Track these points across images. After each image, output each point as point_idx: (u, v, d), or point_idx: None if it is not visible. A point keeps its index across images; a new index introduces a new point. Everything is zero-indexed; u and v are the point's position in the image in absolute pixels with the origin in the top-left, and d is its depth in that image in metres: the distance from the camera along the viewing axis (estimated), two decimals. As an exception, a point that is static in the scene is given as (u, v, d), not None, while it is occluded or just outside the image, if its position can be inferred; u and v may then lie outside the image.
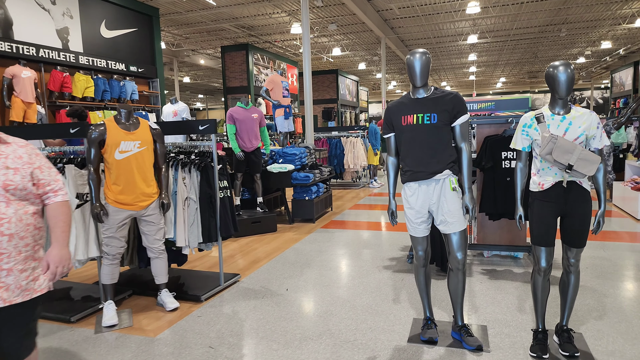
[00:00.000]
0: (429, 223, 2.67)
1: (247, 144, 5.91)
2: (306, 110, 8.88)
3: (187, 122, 3.71)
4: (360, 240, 5.35)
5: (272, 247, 5.16)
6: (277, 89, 7.28)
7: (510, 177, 3.74)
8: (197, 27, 15.68)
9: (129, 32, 10.20)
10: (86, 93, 8.94)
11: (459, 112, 2.53)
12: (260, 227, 5.86)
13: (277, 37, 17.48)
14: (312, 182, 6.36)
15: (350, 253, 4.78)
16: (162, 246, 3.41)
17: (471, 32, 16.75)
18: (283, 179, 6.25)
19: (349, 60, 23.04)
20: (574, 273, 2.54)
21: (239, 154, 5.86)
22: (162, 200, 3.33)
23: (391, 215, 2.75)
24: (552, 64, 2.40)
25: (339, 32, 16.78)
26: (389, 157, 2.77)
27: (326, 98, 21.75)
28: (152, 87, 10.97)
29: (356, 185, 10.46)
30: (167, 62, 21.60)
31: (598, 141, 2.42)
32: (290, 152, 6.48)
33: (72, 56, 8.72)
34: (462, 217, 2.55)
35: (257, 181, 6.12)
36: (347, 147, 9.82)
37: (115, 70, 9.66)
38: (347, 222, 6.45)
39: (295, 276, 4.07)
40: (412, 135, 2.56)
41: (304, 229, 6.03)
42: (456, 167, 2.58)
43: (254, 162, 6.01)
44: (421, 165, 2.55)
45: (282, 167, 6.23)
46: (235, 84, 15.98)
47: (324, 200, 6.88)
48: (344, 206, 7.74)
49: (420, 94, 2.59)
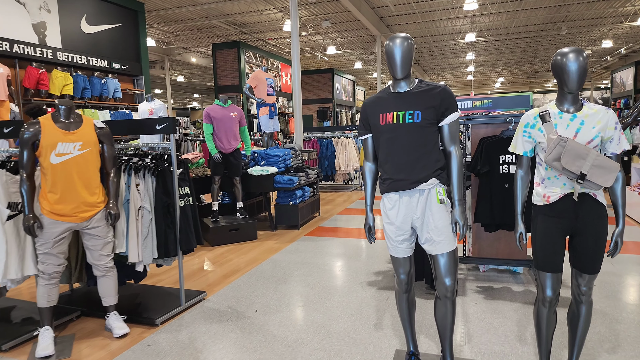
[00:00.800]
0: (412, 241, 2.23)
1: (225, 144, 5.47)
2: (295, 110, 8.44)
3: (142, 120, 3.27)
4: (346, 249, 4.92)
5: (248, 257, 4.72)
6: (261, 85, 6.83)
7: (509, 183, 3.30)
8: (187, 24, 15.22)
9: (112, 28, 9.75)
10: (65, 91, 8.50)
11: (448, 109, 2.09)
12: (239, 235, 5.41)
13: (270, 35, 17.04)
14: (297, 185, 5.92)
15: (333, 265, 4.34)
16: (109, 263, 2.97)
17: (469, 30, 16.33)
18: (265, 182, 5.81)
19: (345, 59, 22.61)
20: (585, 303, 2.10)
21: (215, 156, 5.42)
22: (109, 211, 2.89)
23: (368, 232, 2.31)
24: (560, 51, 1.97)
25: (334, 30, 16.34)
26: (366, 163, 2.34)
27: (321, 97, 21.34)
28: (136, 85, 10.54)
29: (348, 187, 10.03)
30: (159, 61, 21.14)
31: (616, 144, 1.99)
32: (273, 154, 6.04)
33: (50, 52, 8.27)
34: (452, 235, 2.12)
35: (237, 185, 5.68)
36: (338, 148, 9.39)
37: (97, 67, 9.22)
38: (334, 228, 6.01)
39: (268, 294, 3.63)
40: (392, 137, 2.12)
41: (286, 237, 5.59)
42: (444, 175, 2.14)
43: (233, 164, 5.57)
44: (402, 173, 2.11)
45: (264, 170, 5.79)
46: (226, 82, 15.54)
47: (310, 204, 6.44)
48: (333, 211, 7.31)
49: (402, 87, 2.15)
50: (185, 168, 3.36)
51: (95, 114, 9.06)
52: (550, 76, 29.63)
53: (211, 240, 5.28)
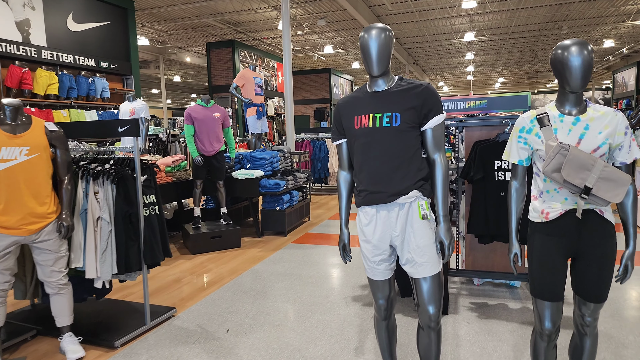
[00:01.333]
0: (392, 261, 1.95)
1: (207, 147, 5.18)
2: (286, 110, 8.17)
3: (103, 122, 2.99)
4: (334, 259, 4.63)
5: (228, 268, 4.43)
6: (249, 85, 6.55)
7: (505, 190, 3.02)
8: (180, 23, 14.93)
9: (100, 26, 9.48)
10: (49, 90, 8.23)
11: (431, 111, 1.81)
12: (222, 243, 5.13)
13: (265, 34, 16.76)
14: (284, 190, 5.63)
15: (318, 277, 4.05)
16: (62, 279, 2.69)
17: (468, 29, 16.05)
18: (250, 186, 5.52)
19: (342, 58, 22.32)
20: (590, 336, 1.82)
21: (196, 159, 5.14)
22: (61, 222, 2.61)
23: (342, 250, 2.02)
24: (561, 44, 1.68)
25: (330, 29, 16.06)
26: (340, 172, 2.05)
27: (319, 98, 21.07)
28: (126, 84, 10.27)
29: (342, 190, 9.73)
30: (153, 60, 20.86)
31: (626, 152, 1.71)
32: (259, 157, 5.75)
33: (34, 50, 8.00)
34: (436, 255, 1.83)
35: (220, 189, 5.40)
36: (332, 150, 9.10)
37: (84, 66, 8.95)
38: (324, 235, 5.72)
39: (243, 310, 3.34)
40: (368, 142, 1.84)
41: (272, 244, 5.31)
42: (427, 187, 1.86)
43: (216, 167, 5.29)
44: (380, 184, 1.83)
45: (249, 174, 5.50)
46: (221, 82, 15.28)
47: (298, 209, 6.16)
48: (324, 215, 7.02)
49: (379, 85, 1.86)
50: (150, 174, 3.08)
51: (82, 114, 8.79)
52: (551, 76, 29.36)
53: (191, 248, 5.00)
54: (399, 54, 19.36)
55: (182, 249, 5.25)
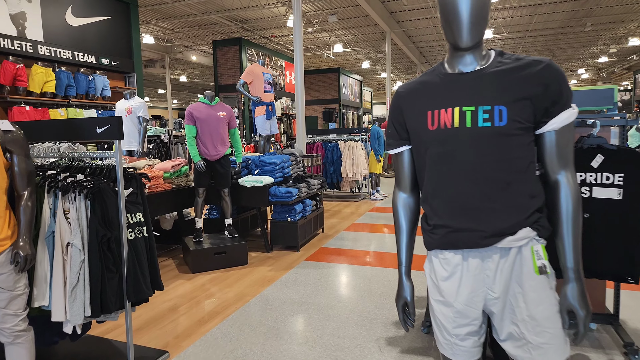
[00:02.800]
0: (483, 334, 1.29)
1: (210, 150, 4.56)
2: (297, 110, 7.54)
3: (76, 122, 2.36)
4: (356, 282, 3.97)
5: (234, 292, 3.79)
6: (257, 81, 5.91)
7: (591, 211, 2.35)
8: (186, 20, 14.37)
9: (101, 21, 8.93)
10: (46, 88, 7.69)
11: (558, 103, 1.15)
12: (226, 260, 4.49)
13: (273, 32, 16.16)
14: (296, 199, 4.99)
15: (340, 308, 3.40)
16: (20, 324, 2.06)
17: (485, 26, 15.31)
18: (258, 195, 4.89)
19: (352, 58, 21.68)
20: None
21: (198, 164, 4.51)
22: (17, 250, 1.98)
23: (402, 311, 1.37)
24: None
25: (341, 27, 15.42)
26: (398, 193, 1.40)
27: (327, 98, 20.43)
28: (128, 82, 9.72)
29: (355, 197, 9.08)
30: (159, 59, 20.34)
31: None
32: (268, 161, 5.11)
33: (30, 45, 7.45)
34: (562, 333, 1.17)
35: (225, 198, 4.76)
36: (345, 153, 8.45)
37: (83, 62, 8.40)
38: (341, 250, 5.07)
39: (250, 354, 2.70)
40: (450, 152, 1.19)
41: (283, 262, 4.66)
42: (545, 222, 1.20)
43: (220, 173, 4.66)
44: (469, 217, 1.18)
45: (257, 180, 4.86)
46: (227, 81, 14.69)
47: (312, 220, 5.51)
48: (339, 226, 6.36)
49: (468, 63, 1.21)
50: (137, 186, 2.44)
51: (81, 113, 8.23)
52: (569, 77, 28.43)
53: (192, 266, 4.36)
54: (410, 53, 18.68)
55: (181, 265, 4.62)
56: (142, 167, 4.76)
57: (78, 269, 2.18)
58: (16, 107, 7.21)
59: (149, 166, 4.82)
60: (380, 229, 6.07)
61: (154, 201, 4.39)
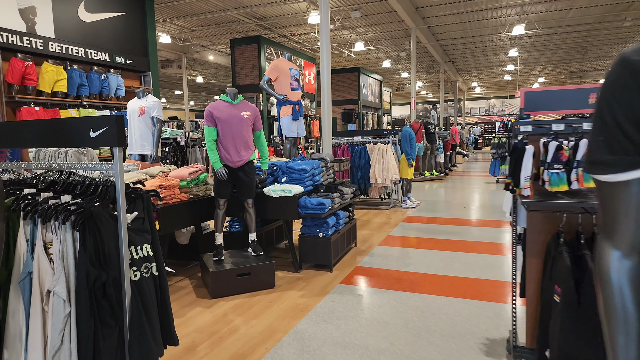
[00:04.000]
0: None
1: (232, 156, 3.97)
2: (323, 111, 6.92)
3: (62, 123, 1.77)
4: (409, 316, 3.32)
5: (261, 326, 3.18)
6: (283, 78, 5.31)
7: None
8: (204, 18, 13.91)
9: (116, 17, 8.48)
10: (57, 87, 7.26)
11: None
12: (251, 282, 3.89)
13: (293, 30, 15.59)
14: (329, 212, 4.36)
15: (394, 354, 2.75)
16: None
17: (517, 22, 14.47)
18: (286, 207, 4.27)
19: (372, 57, 21.00)
20: None
21: (219, 171, 3.92)
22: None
23: None
24: None
25: (363, 24, 14.76)
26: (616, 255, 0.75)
27: (347, 99, 19.77)
28: (143, 82, 9.26)
29: (385, 204, 8.40)
30: (176, 59, 19.99)
31: None
32: (297, 168, 4.50)
33: (40, 42, 7.02)
34: None
35: (249, 210, 4.16)
36: (374, 157, 7.79)
37: (96, 60, 7.97)
38: (380, 271, 4.42)
39: None
40: None
41: (316, 285, 4.03)
42: None
43: (244, 182, 4.06)
44: None
45: (285, 190, 4.25)
46: (246, 81, 14.16)
47: (345, 234, 4.87)
48: (372, 239, 5.71)
49: None
50: (145, 208, 1.84)
51: (94, 114, 7.76)
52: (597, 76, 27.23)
53: (212, 290, 3.77)
54: (434, 51, 17.90)
55: (199, 287, 4.04)
56: (155, 174, 4.20)
57: (62, 326, 1.58)
58: (25, 108, 6.78)
59: (163, 173, 4.26)
60: (420, 244, 5.40)
61: (169, 214, 3.82)
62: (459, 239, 5.58)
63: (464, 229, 6.10)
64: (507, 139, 11.09)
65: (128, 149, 5.05)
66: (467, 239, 5.54)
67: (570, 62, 23.01)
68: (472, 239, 5.56)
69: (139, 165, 4.85)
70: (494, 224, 6.42)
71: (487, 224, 6.43)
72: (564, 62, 23.16)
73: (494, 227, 6.22)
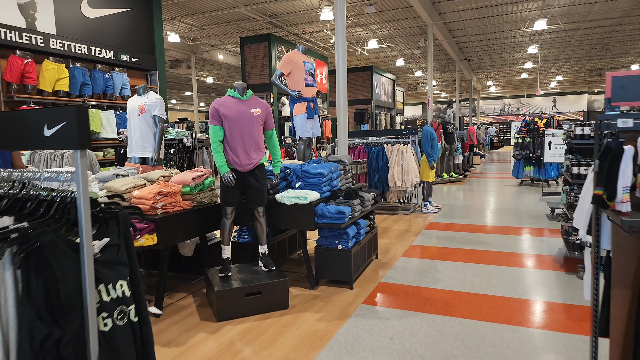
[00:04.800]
0: None
1: (241, 158, 3.50)
2: (339, 110, 6.44)
3: (8, 117, 1.31)
4: (448, 348, 2.81)
5: (275, 358, 2.69)
6: (297, 72, 4.82)
7: None
8: (213, 15, 13.52)
9: (121, 13, 8.11)
10: (58, 86, 6.92)
11: None
12: (262, 303, 3.41)
13: (304, 27, 15.13)
14: (350, 221, 3.87)
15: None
16: None
17: (539, 16, 13.82)
18: (301, 215, 3.79)
19: (386, 55, 20.45)
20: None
21: (226, 176, 3.46)
22: None
23: None
24: None
25: (377, 20, 14.24)
26: None
27: (359, 98, 19.26)
28: (150, 81, 8.89)
29: (404, 208, 7.88)
30: (185, 59, 19.67)
31: None
32: (313, 172, 4.02)
33: (40, 38, 6.67)
34: None
35: (260, 219, 3.69)
36: (392, 158, 7.28)
37: (100, 58, 7.61)
38: (407, 288, 3.91)
39: None
40: None
41: (335, 305, 3.54)
42: None
43: (254, 188, 3.59)
44: None
45: (300, 196, 3.77)
46: (256, 80, 13.75)
47: (365, 246, 4.37)
48: (393, 250, 5.20)
49: None
50: (121, 233, 1.36)
51: (97, 114, 7.42)
52: (618, 74, 26.25)
53: (217, 311, 3.30)
54: (450, 48, 17.30)
55: (203, 308, 3.57)
56: (156, 179, 3.75)
57: (-4, 404, 1.11)
58: (25, 108, 6.41)
59: (164, 178, 3.81)
60: (448, 255, 4.87)
61: (169, 225, 3.36)
62: (492, 249, 5.03)
63: (495, 238, 5.55)
64: (532, 139, 10.48)
65: (128, 151, 4.61)
66: (501, 250, 4.99)
67: (592, 59, 22.18)
68: (506, 249, 5.02)
69: (139, 169, 4.42)
70: (527, 231, 5.86)
71: (519, 231, 5.87)
72: (585, 60, 22.33)
73: (528, 235, 5.66)
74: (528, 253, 4.85)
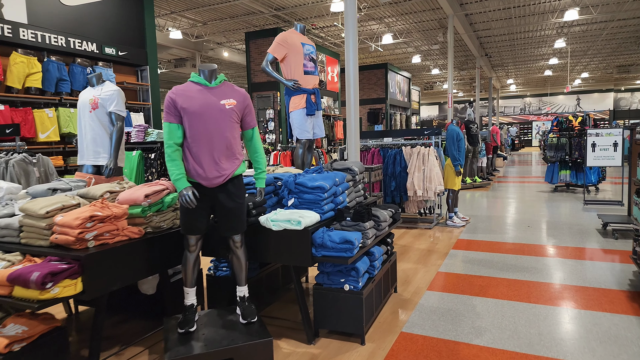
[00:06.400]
0: None
1: (206, 169, 2.50)
2: (349, 110, 5.42)
3: None
4: None
5: None
6: (294, 56, 3.79)
7: None
8: (216, 8, 12.62)
9: (106, 0, 7.23)
10: (29, 82, 6.06)
11: None
12: (234, 374, 2.40)
13: (314, 21, 14.14)
14: (360, 252, 2.84)
15: None
16: None
17: (570, 5, 12.57)
18: (293, 244, 2.77)
19: (401, 51, 19.33)
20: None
21: (184, 194, 2.45)
22: None
23: None
24: None
25: (393, 12, 13.16)
26: None
27: (373, 97, 18.19)
28: (141, 77, 8.00)
29: (426, 220, 6.79)
30: (189, 57, 18.85)
31: None
32: (311, 185, 2.99)
33: (8, 28, 5.85)
34: None
35: (236, 250, 2.69)
36: (412, 163, 6.21)
37: (81, 51, 6.73)
38: (440, 343, 2.85)
39: None
40: None
41: (339, 374, 2.51)
42: None
43: (227, 209, 2.59)
44: None
45: (292, 220, 2.75)
46: (261, 78, 12.81)
47: (382, 279, 3.33)
48: (416, 280, 4.14)
49: None
50: None
51: (75, 114, 6.52)
52: (650, 69, 24.67)
53: (170, 388, 2.30)
54: (470, 43, 16.11)
55: (157, 373, 2.58)
56: (98, 195, 2.78)
57: None
58: (-13, 107, 5.56)
59: (110, 194, 2.83)
60: (488, 289, 3.79)
61: (103, 264, 2.38)
62: (542, 279, 3.94)
63: (542, 262, 4.46)
64: (568, 139, 9.29)
65: (79, 158, 3.64)
66: (555, 281, 3.90)
67: (621, 54, 20.69)
68: (562, 280, 3.92)
69: (90, 180, 3.45)
70: (579, 253, 4.74)
71: (571, 253, 4.75)
72: (614, 55, 20.85)
73: (583, 258, 4.54)
74: (592, 286, 3.74)
